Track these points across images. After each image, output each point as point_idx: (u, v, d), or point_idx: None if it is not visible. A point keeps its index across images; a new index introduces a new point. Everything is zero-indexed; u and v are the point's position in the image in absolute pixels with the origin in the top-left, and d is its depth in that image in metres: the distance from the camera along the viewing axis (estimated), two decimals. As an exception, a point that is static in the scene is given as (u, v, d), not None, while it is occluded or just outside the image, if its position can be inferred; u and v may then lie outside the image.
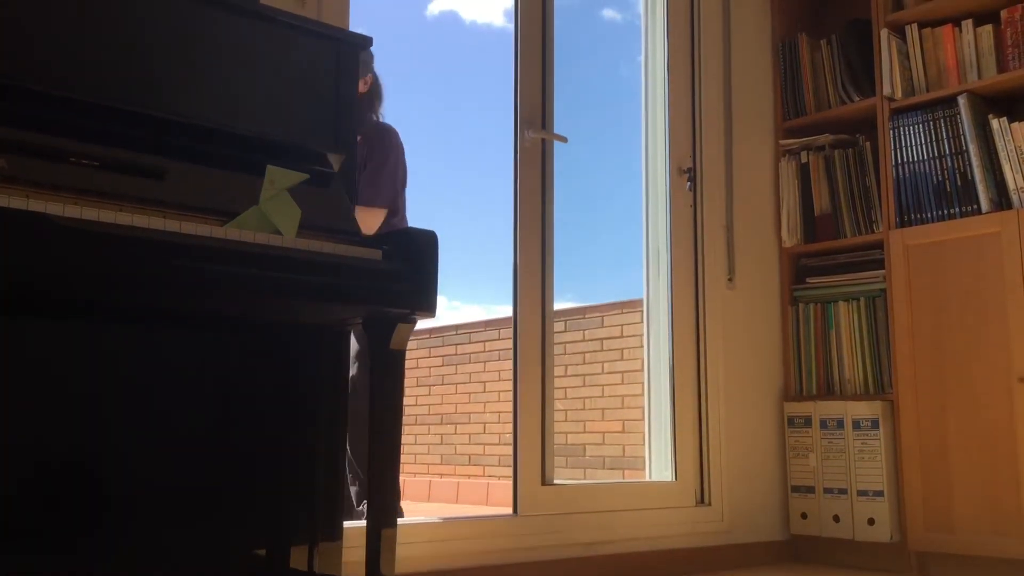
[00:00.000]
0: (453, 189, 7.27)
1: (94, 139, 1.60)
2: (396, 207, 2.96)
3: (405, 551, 2.18)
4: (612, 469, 5.21)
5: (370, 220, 2.79)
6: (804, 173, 3.52)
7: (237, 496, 1.89)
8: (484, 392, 6.52)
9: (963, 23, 3.18)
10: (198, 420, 1.86)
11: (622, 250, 5.80)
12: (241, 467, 1.90)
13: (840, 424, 3.24)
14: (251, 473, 1.91)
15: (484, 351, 6.59)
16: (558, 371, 3.84)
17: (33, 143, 1.52)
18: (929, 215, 3.15)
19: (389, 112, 3.27)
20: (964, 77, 3.16)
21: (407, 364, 1.85)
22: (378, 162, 2.95)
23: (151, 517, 1.79)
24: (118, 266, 1.44)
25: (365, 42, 2.07)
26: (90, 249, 1.41)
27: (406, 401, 1.87)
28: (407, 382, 1.84)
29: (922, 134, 3.18)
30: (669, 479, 3.17)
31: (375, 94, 3.06)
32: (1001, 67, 3.10)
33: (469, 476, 6.35)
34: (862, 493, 3.16)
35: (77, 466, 1.73)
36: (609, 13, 5.40)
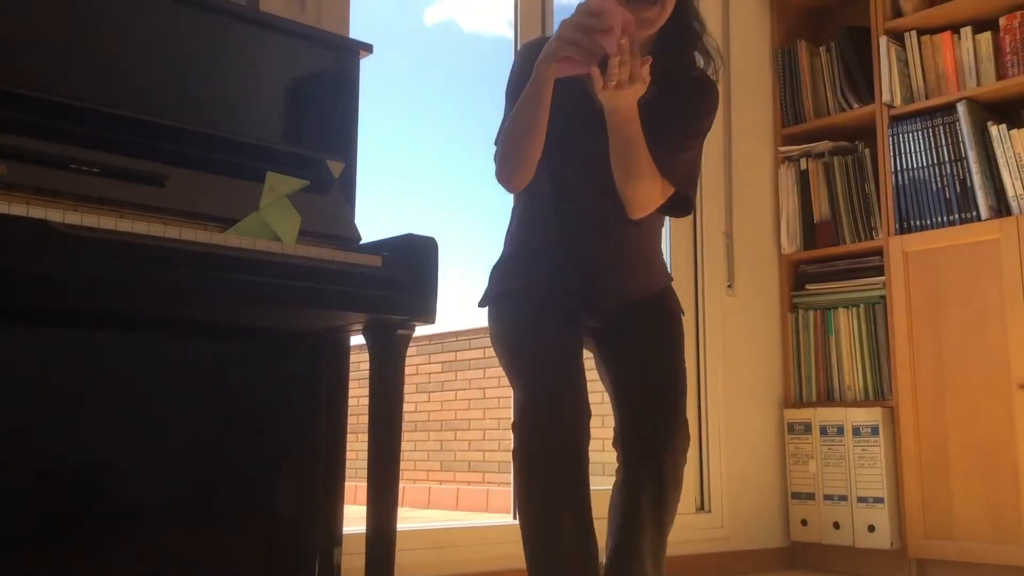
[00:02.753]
0: (452, 196, 7.28)
1: (94, 145, 1.60)
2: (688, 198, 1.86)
3: (405, 558, 2.17)
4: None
5: (653, 192, 1.76)
6: (803, 180, 3.53)
7: (237, 502, 1.89)
8: (484, 398, 6.51)
9: (962, 30, 3.18)
10: (198, 427, 1.86)
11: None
12: (241, 473, 1.90)
13: (840, 431, 3.24)
14: (252, 479, 1.91)
15: (484, 357, 6.58)
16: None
17: (34, 150, 1.52)
18: (928, 222, 3.15)
19: (385, 121, 2.75)
20: (963, 84, 3.16)
21: (407, 370, 1.85)
22: (690, 126, 1.83)
23: (149, 524, 1.79)
24: (118, 273, 1.44)
25: (365, 49, 2.08)
26: (90, 256, 1.41)
27: (405, 407, 1.87)
28: (406, 388, 1.84)
29: (921, 141, 3.19)
30: (669, 486, 3.16)
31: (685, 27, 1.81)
32: (1000, 74, 3.10)
33: (469, 483, 6.34)
34: (862, 500, 3.16)
35: (75, 472, 1.72)
36: (609, 20, 5.39)
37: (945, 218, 3.11)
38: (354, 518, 2.03)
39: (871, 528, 3.12)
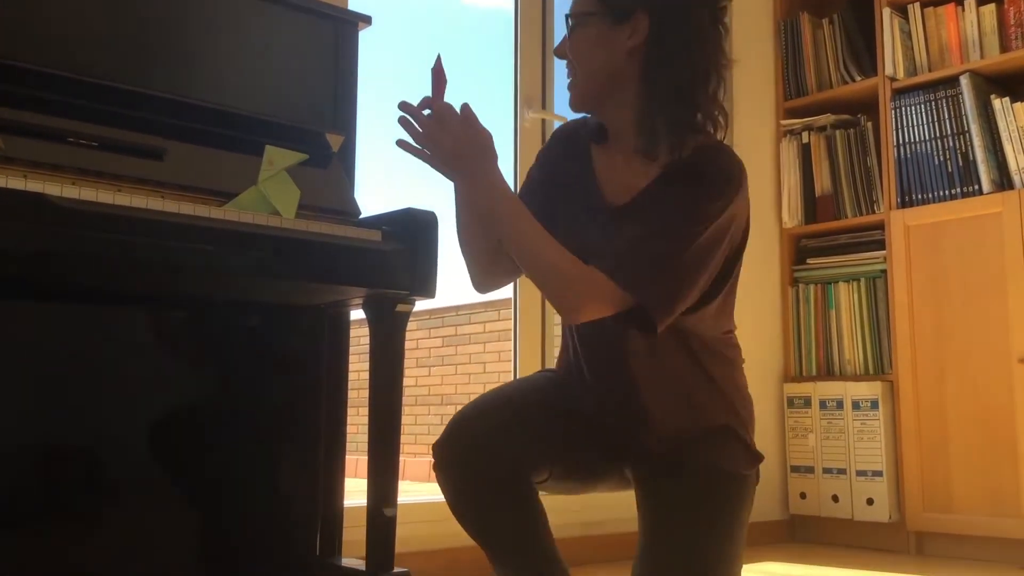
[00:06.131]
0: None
1: (92, 119, 1.59)
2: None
3: (405, 531, 2.18)
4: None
5: (570, 290, 1.39)
6: (805, 153, 3.51)
7: (237, 476, 1.89)
8: (484, 372, 6.52)
9: (966, 2, 3.15)
10: (197, 400, 1.86)
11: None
12: (242, 447, 1.91)
13: (840, 404, 3.25)
14: (252, 453, 1.91)
15: (484, 332, 6.59)
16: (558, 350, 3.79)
17: (31, 123, 1.51)
18: (930, 195, 3.14)
19: (384, 94, 2.51)
20: (966, 57, 3.14)
21: (407, 344, 1.85)
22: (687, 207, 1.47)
23: (148, 499, 1.79)
24: (115, 246, 1.43)
25: (364, 21, 2.06)
26: (87, 229, 1.40)
27: (406, 382, 1.87)
28: (407, 363, 1.84)
29: (924, 114, 3.17)
30: (669, 459, 3.17)
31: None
32: (1004, 47, 3.08)
33: (469, 456, 6.36)
34: (861, 473, 3.17)
35: (72, 447, 1.73)
36: (610, -9, 5.35)
37: (947, 192, 3.10)
38: (355, 491, 2.04)
39: (870, 501, 3.13)
